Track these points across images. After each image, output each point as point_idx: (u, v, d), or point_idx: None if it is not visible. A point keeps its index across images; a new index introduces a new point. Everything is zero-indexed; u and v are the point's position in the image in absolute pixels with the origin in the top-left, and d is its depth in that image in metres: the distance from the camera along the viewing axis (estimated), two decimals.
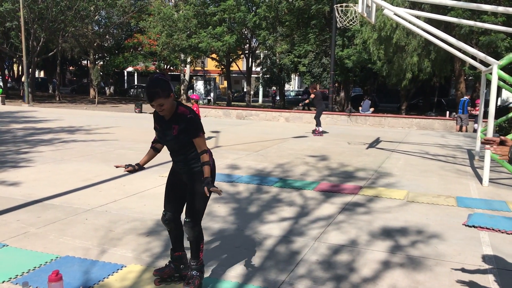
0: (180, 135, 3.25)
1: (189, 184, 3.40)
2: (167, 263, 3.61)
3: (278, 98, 34.44)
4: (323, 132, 15.11)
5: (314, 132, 14.76)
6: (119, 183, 6.94)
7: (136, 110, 23.58)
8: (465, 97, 17.98)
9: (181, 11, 28.77)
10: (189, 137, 3.25)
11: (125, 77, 51.57)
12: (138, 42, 38.18)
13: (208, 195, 3.17)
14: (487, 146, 2.58)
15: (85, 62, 47.94)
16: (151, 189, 6.65)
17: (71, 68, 54.86)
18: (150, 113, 23.44)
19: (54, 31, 30.75)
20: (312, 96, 14.45)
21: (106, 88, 43.13)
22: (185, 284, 3.37)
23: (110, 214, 5.33)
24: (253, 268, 3.88)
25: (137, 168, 3.49)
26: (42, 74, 55.15)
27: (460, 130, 17.85)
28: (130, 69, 44.77)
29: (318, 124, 14.66)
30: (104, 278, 3.61)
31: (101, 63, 41.22)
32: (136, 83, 49.99)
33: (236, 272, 3.80)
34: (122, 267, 3.83)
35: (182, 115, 3.24)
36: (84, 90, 44.25)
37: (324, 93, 32.37)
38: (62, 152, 9.75)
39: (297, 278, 3.72)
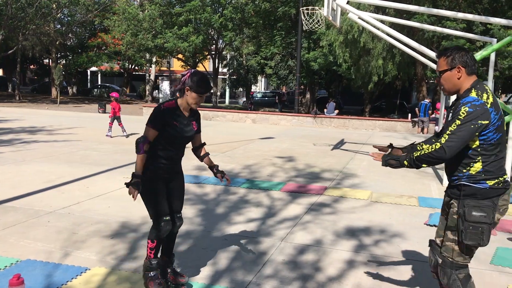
0: (197, 130, 3.43)
1: (179, 179, 3.47)
2: (162, 279, 3.39)
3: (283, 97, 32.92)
4: None
5: None
6: (82, 185, 6.79)
7: (100, 110, 23.14)
8: (425, 100, 18.46)
9: (146, 10, 28.43)
10: (198, 132, 3.45)
11: (88, 77, 50.50)
12: (102, 42, 37.46)
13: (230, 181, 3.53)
14: (371, 152, 2.97)
15: (47, 61, 46.67)
16: (115, 190, 6.54)
17: (32, 66, 53.26)
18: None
19: (13, 29, 29.79)
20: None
21: (68, 87, 42.08)
22: (182, 276, 3.50)
23: (73, 216, 5.21)
24: (220, 269, 3.88)
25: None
26: (1, 72, 53.31)
27: (422, 131, 18.35)
28: (93, 68, 43.88)
29: None
30: (67, 281, 3.53)
31: (64, 62, 40.21)
32: (99, 82, 49.03)
33: (203, 273, 3.79)
34: (86, 270, 3.75)
35: (196, 111, 3.43)
36: (46, 90, 43.00)
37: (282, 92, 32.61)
38: (23, 153, 9.46)
39: (264, 278, 3.74)
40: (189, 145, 3.53)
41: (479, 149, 2.60)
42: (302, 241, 4.66)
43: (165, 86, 32.36)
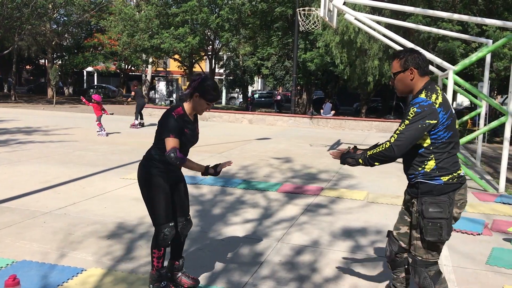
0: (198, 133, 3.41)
1: (182, 181, 3.43)
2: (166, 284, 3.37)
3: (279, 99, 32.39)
4: (140, 125, 16.36)
5: (132, 125, 16.18)
6: (78, 185, 6.78)
7: None
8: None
9: (142, 11, 28.38)
10: None
11: (85, 77, 50.38)
12: (99, 42, 37.36)
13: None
14: (331, 151, 3.11)
15: (43, 61, 46.51)
16: (112, 191, 6.52)
17: (28, 67, 53.11)
18: (110, 113, 22.96)
19: (9, 29, 29.68)
20: (133, 93, 16.18)
21: (64, 88, 41.96)
22: (195, 279, 3.50)
23: (69, 217, 5.20)
24: (216, 270, 3.88)
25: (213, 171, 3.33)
26: None
27: None
28: (89, 69, 43.76)
29: (136, 118, 16.25)
30: (63, 282, 3.52)
31: (60, 62, 40.09)
32: (96, 83, 48.91)
33: (199, 274, 3.78)
34: (82, 270, 3.74)
35: (196, 115, 3.37)
36: (42, 90, 42.89)
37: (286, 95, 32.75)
38: (19, 153, 9.43)
39: (261, 279, 3.74)
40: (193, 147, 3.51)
41: (431, 148, 2.71)
42: (299, 242, 4.66)
43: (161, 86, 32.30)
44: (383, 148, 2.70)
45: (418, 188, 2.77)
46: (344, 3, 8.91)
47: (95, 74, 47.68)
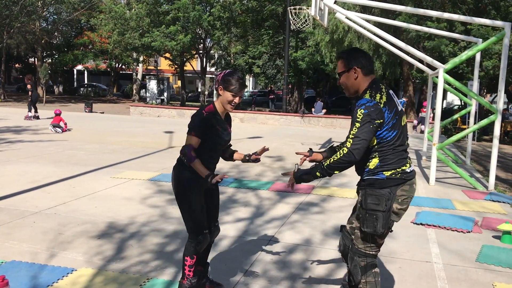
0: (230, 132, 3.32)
1: (213, 189, 3.33)
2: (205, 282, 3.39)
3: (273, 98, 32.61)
4: (34, 117, 16.99)
5: (25, 117, 16.79)
6: (68, 185, 6.73)
7: (86, 110, 22.93)
8: (402, 98, 18.62)
9: (133, 9, 28.23)
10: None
11: (75, 76, 50.02)
12: (89, 40, 37.11)
13: None
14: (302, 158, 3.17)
15: (32, 59, 46.11)
16: (102, 190, 6.48)
17: (17, 65, 52.60)
18: (101, 112, 22.87)
19: None
20: (29, 86, 16.98)
21: (54, 86, 41.65)
22: (220, 285, 3.47)
23: (59, 217, 5.16)
24: (208, 270, 3.86)
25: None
26: None
27: None
28: (80, 67, 43.48)
29: (30, 110, 16.87)
30: (53, 282, 3.49)
31: (50, 60, 39.77)
32: (86, 81, 48.57)
33: None
34: (72, 270, 3.71)
35: (229, 115, 3.31)
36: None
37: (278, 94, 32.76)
38: (8, 153, 9.34)
39: (252, 278, 3.74)
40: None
41: (376, 147, 2.76)
42: (291, 241, 4.67)
43: (152, 85, 32.18)
44: (341, 155, 2.69)
45: (364, 181, 2.83)
46: (335, 2, 8.92)
47: (85, 72, 47.31)
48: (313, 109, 22.11)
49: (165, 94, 31.90)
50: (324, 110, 21.86)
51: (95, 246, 4.31)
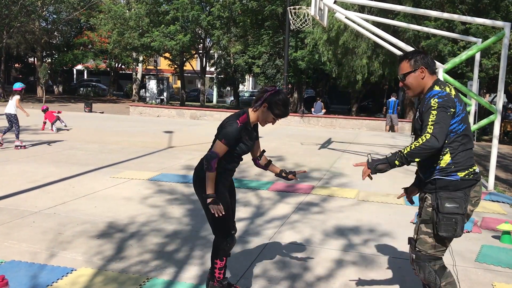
0: (256, 136, 3.33)
1: (232, 188, 3.35)
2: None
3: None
4: None
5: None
6: (68, 185, 6.72)
7: (86, 109, 22.92)
8: (392, 98, 18.64)
9: (132, 9, 28.23)
10: (257, 138, 3.36)
11: (74, 75, 49.96)
12: (89, 40, 37.10)
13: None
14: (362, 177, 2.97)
15: (32, 59, 46.06)
16: (101, 190, 6.48)
17: (16, 65, 52.51)
18: (100, 112, 22.86)
19: None
20: None
21: (54, 86, 41.61)
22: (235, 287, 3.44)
23: (59, 217, 5.15)
24: (208, 269, 3.85)
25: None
26: None
27: (391, 130, 18.55)
28: (79, 67, 43.43)
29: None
30: (53, 282, 3.49)
31: (49, 60, 39.74)
32: (85, 79, 48.48)
33: (191, 273, 3.77)
34: (72, 270, 3.71)
35: (257, 124, 3.28)
36: (31, 89, 42.40)
37: None
38: (8, 152, 9.33)
39: (252, 278, 3.73)
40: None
41: (446, 141, 2.68)
42: (290, 240, 4.66)
43: (152, 85, 32.18)
44: (423, 141, 2.59)
45: (434, 184, 2.75)
46: (335, 2, 8.92)
47: (85, 72, 47.26)
48: (312, 109, 22.12)
49: (165, 94, 31.91)
50: (323, 110, 21.87)
51: (95, 246, 4.31)
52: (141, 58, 34.15)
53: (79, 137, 12.22)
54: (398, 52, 10.27)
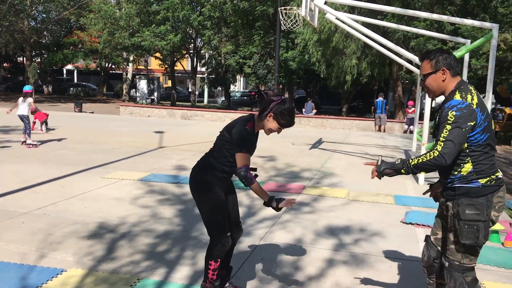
0: None
1: (232, 189, 3.38)
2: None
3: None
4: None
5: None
6: (58, 185, 6.68)
7: (76, 109, 22.78)
8: (380, 98, 18.77)
9: (123, 9, 28.10)
10: None
11: (64, 75, 49.59)
12: (79, 39, 36.84)
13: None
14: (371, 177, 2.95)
15: (21, 58, 45.63)
16: (92, 190, 6.44)
17: (5, 64, 52.05)
18: (91, 112, 22.73)
19: None
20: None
21: (44, 86, 41.27)
22: None
23: (49, 217, 5.12)
24: (199, 269, 3.86)
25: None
26: None
27: (379, 130, 18.69)
28: (69, 66, 43.12)
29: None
30: (42, 283, 3.46)
31: (38, 60, 39.42)
32: (75, 81, 48.19)
33: (182, 274, 3.77)
34: (62, 271, 3.69)
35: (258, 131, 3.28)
36: (20, 88, 41.97)
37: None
38: None
39: (244, 277, 3.74)
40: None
41: (467, 150, 2.61)
42: (282, 240, 4.67)
43: (142, 85, 32.04)
44: (431, 157, 2.55)
45: (454, 191, 2.69)
46: (325, 3, 8.96)
47: (75, 72, 46.94)
48: (303, 110, 22.17)
49: (155, 94, 31.79)
50: (314, 111, 21.93)
51: (85, 246, 4.29)
52: (131, 58, 34.02)
53: (70, 137, 12.14)
54: (388, 53, 10.35)
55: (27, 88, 11.01)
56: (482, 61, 16.63)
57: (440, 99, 2.93)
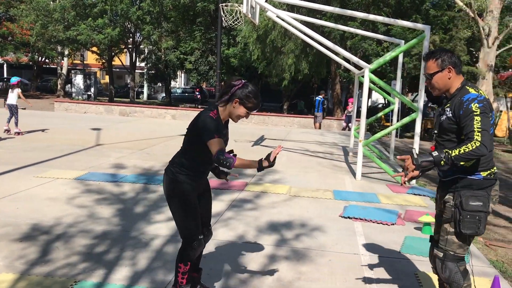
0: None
1: (207, 190, 3.24)
2: None
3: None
4: None
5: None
6: None
7: (5, 105, 21.54)
8: (319, 96, 19.27)
9: (57, 1, 26.89)
10: None
11: None
12: (8, 31, 34.82)
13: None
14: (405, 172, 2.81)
15: None
16: (24, 190, 6.13)
17: None
18: (22, 108, 21.57)
19: None
20: None
21: None
22: None
23: None
24: (139, 270, 3.78)
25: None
26: None
27: (319, 127, 19.27)
28: None
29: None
30: None
31: None
32: (5, 75, 45.59)
33: (121, 274, 3.67)
34: None
35: (228, 120, 3.14)
36: None
37: (211, 91, 32.66)
38: None
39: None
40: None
41: None
42: (224, 238, 4.67)
43: (78, 80, 30.87)
44: (473, 147, 2.57)
45: (456, 182, 2.78)
46: (266, 0, 9.02)
47: (5, 66, 44.41)
48: None
49: (92, 89, 30.73)
50: None
51: (17, 249, 4.07)
52: (66, 52, 32.63)
53: None
54: (326, 52, 10.59)
55: (14, 80, 12.30)
56: (414, 60, 17.41)
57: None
